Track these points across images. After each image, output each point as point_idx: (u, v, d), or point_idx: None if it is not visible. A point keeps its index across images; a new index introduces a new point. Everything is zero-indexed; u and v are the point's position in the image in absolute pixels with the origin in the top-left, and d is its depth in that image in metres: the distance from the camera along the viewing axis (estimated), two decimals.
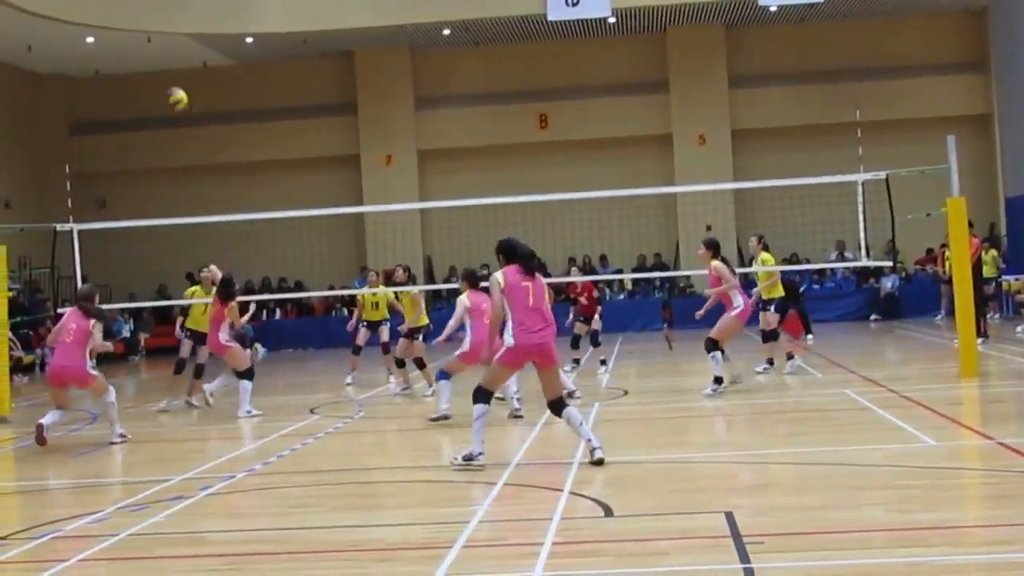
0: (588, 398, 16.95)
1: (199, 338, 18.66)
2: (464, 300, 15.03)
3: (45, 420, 14.12)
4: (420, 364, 19.13)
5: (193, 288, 20.03)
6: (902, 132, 34.81)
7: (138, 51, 34.13)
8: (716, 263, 16.76)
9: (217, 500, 10.49)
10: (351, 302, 29.00)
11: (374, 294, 21.04)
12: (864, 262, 20.64)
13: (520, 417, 14.84)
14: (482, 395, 11.32)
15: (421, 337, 19.63)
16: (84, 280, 21.75)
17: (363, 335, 21.19)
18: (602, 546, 8.04)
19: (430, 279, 35.77)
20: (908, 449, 11.38)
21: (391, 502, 10.56)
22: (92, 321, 14.46)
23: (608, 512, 8.94)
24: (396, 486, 11.16)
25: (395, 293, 20.71)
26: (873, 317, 33.64)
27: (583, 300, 21.83)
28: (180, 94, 18.40)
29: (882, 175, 18.70)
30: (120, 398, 21.81)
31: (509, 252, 11.54)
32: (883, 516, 8.44)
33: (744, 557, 7.28)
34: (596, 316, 21.80)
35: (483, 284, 14.10)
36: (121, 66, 36.49)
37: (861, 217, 19.51)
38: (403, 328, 19.67)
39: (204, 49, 34.99)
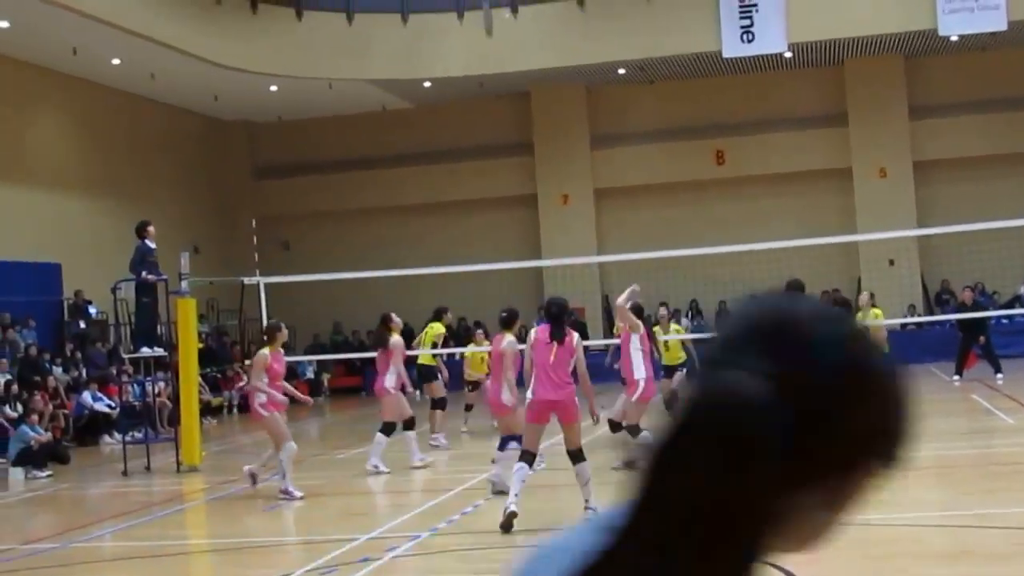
0: None
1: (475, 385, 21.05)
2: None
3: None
4: None
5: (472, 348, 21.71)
6: None
7: (319, 97, 34.90)
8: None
9: (403, 563, 10.58)
10: None
11: None
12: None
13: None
14: (523, 455, 12.01)
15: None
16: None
17: None
18: None
19: (608, 320, 35.70)
20: None
21: None
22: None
23: None
24: None
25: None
26: None
27: None
28: None
29: None
30: (306, 444, 22.34)
31: (544, 311, 12.36)
32: None
33: None
34: None
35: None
36: (302, 111, 37.36)
37: None
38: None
39: (383, 93, 35.59)
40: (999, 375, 25.24)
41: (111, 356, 27.33)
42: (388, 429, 16.83)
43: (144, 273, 19.18)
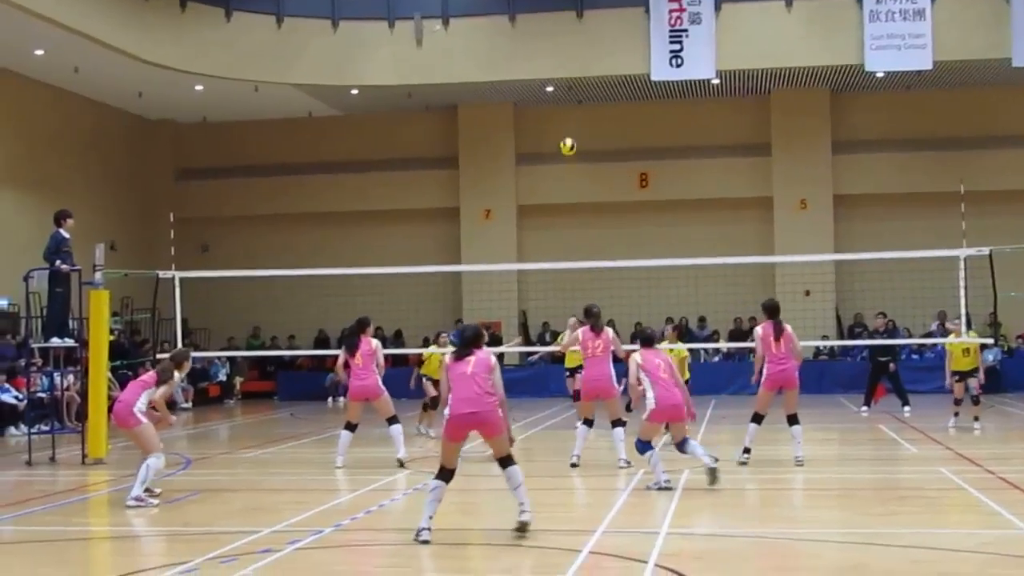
0: (680, 464, 16.54)
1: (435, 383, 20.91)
2: (636, 358, 14.85)
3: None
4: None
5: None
6: (1008, 204, 34.27)
7: (245, 100, 34.73)
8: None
9: (305, 555, 10.53)
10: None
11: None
12: (964, 340, 20.39)
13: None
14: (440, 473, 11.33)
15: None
16: (184, 323, 22.18)
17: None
18: None
19: (525, 334, 35.78)
20: (1003, 535, 11.15)
21: (477, 565, 10.52)
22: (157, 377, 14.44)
23: None
24: (482, 549, 11.13)
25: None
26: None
27: None
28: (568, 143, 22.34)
29: (985, 251, 18.46)
30: (214, 443, 22.22)
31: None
32: None
33: None
34: None
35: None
36: (227, 113, 37.14)
37: (963, 293, 19.28)
38: None
39: (310, 99, 35.46)
40: (906, 408, 25.58)
41: (20, 348, 26.92)
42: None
43: (58, 262, 18.95)
